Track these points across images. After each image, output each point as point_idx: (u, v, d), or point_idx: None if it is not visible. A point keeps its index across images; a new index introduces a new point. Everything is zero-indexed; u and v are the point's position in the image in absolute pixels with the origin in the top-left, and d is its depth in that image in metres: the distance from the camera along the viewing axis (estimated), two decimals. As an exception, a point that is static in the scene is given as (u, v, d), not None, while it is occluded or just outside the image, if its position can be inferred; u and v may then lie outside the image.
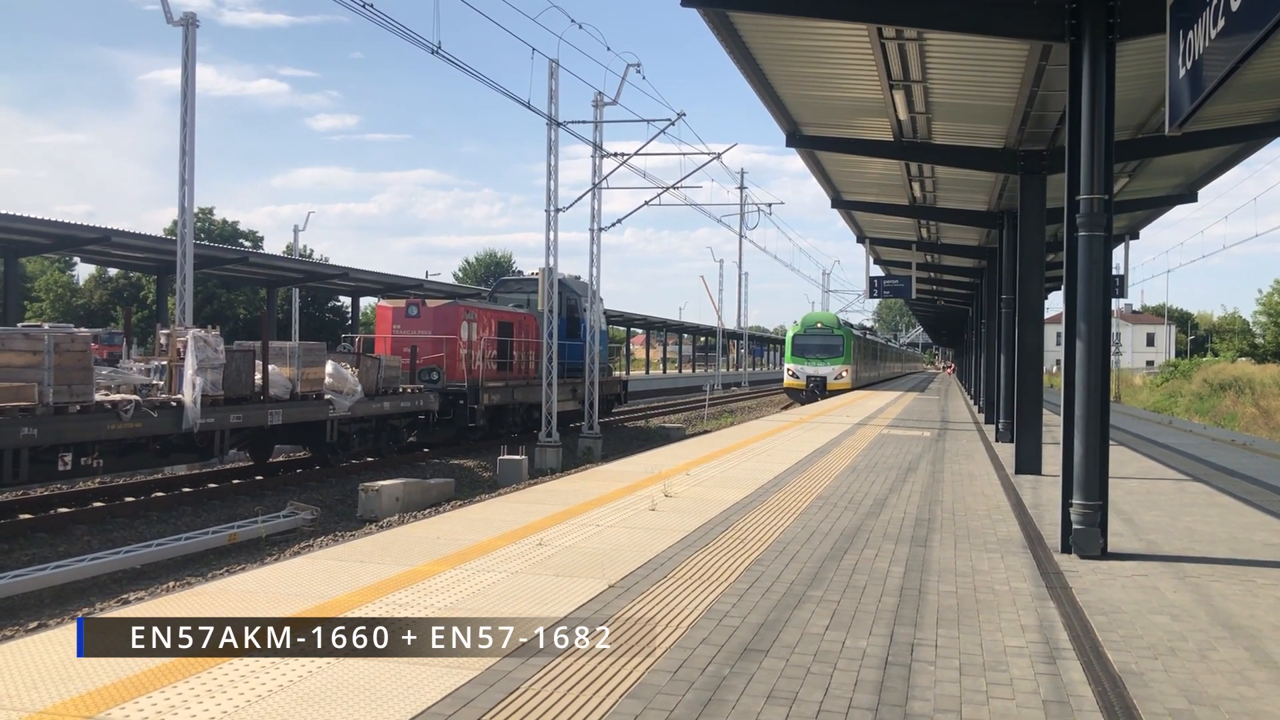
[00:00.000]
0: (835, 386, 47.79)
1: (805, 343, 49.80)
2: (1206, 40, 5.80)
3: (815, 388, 47.55)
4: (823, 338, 49.53)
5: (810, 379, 48.21)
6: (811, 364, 48.63)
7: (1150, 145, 15.48)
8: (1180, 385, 66.97)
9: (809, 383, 48.05)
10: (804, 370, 48.64)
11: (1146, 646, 6.16)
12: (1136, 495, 13.13)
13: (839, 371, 48.49)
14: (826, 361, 48.58)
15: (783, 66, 13.89)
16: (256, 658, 5.36)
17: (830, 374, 48.21)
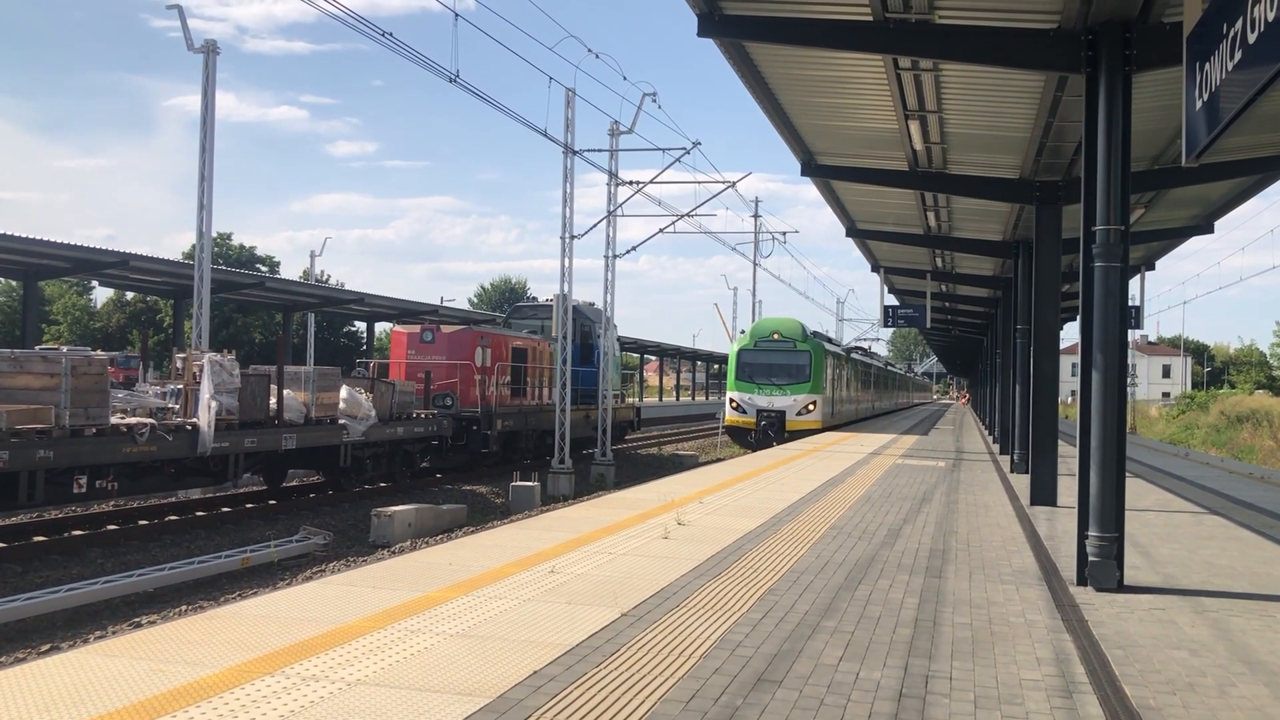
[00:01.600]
0: (798, 425, 33.93)
1: (755, 361, 35.34)
2: (1224, 72, 5.79)
3: (769, 426, 33.97)
4: (781, 354, 35.21)
5: (762, 414, 34.39)
6: (764, 392, 34.67)
7: (1167, 176, 15.48)
8: (1197, 417, 66.56)
9: (760, 419, 34.25)
10: (752, 401, 34.48)
11: (1165, 681, 6.09)
12: (1153, 528, 13.02)
13: (804, 403, 34.42)
14: (785, 389, 34.61)
15: (798, 96, 13.96)
16: (269, 682, 5.35)
17: (790, 406, 34.23)
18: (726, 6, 10.64)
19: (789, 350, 35.13)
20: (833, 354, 38.85)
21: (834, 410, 38.11)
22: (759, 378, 34.83)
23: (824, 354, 35.93)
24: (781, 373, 34.85)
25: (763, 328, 36.30)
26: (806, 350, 35.15)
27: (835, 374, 38.92)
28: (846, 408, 42.78)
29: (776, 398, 34.42)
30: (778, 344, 35.24)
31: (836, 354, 40.33)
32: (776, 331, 35.48)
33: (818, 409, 34.61)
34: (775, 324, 36.31)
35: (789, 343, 35.26)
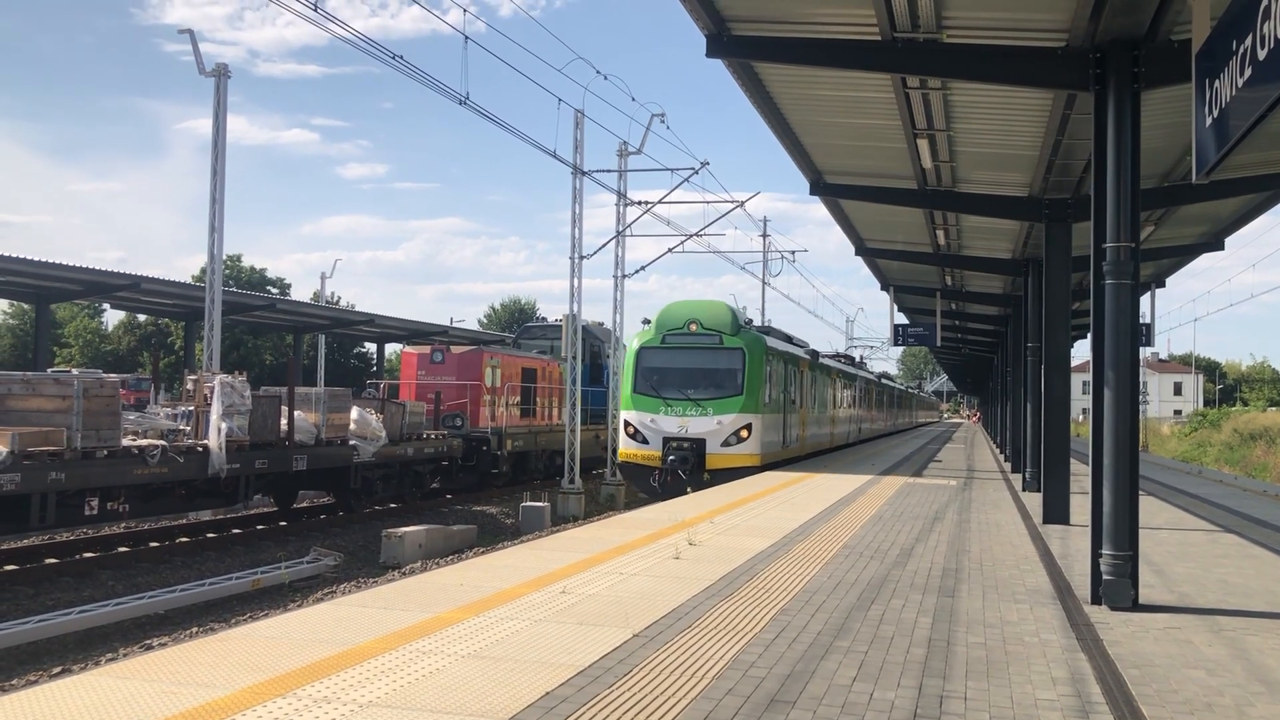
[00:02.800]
0: (725, 461, 23.24)
1: (661, 363, 24.23)
2: (1233, 89, 5.79)
3: (681, 463, 23.00)
4: (700, 354, 24.22)
5: (671, 445, 23.27)
6: (674, 411, 23.48)
7: (1177, 193, 15.45)
8: (1209, 435, 66.20)
9: (669, 453, 23.19)
10: (656, 425, 23.47)
11: (1182, 701, 6.04)
12: (1167, 546, 12.94)
13: (733, 428, 23.35)
14: (706, 406, 23.48)
15: (806, 116, 14.00)
16: (281, 704, 5.34)
17: (713, 433, 23.29)
18: (735, 27, 10.68)
19: (712, 348, 23.76)
20: (784, 355, 26.69)
21: (786, 437, 26.38)
22: (667, 389, 23.44)
23: (767, 355, 24.37)
24: (701, 381, 23.62)
25: (674, 314, 24.45)
26: (738, 348, 23.57)
27: (790, 385, 27.17)
28: (813, 432, 30.84)
29: (693, 419, 22.98)
30: (696, 338, 23.88)
31: (792, 356, 27.98)
32: (694, 320, 23.98)
33: (754, 436, 23.15)
34: (692, 309, 24.70)
35: (712, 335, 23.81)
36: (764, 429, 23.84)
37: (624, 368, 24.58)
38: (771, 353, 25.23)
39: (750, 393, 23.55)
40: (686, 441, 23.10)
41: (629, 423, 23.80)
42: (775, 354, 25.73)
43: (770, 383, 24.72)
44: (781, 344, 27.80)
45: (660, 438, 23.24)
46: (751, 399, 23.54)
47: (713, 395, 23.54)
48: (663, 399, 23.55)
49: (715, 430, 23.15)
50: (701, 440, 23.15)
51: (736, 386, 23.57)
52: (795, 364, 28.38)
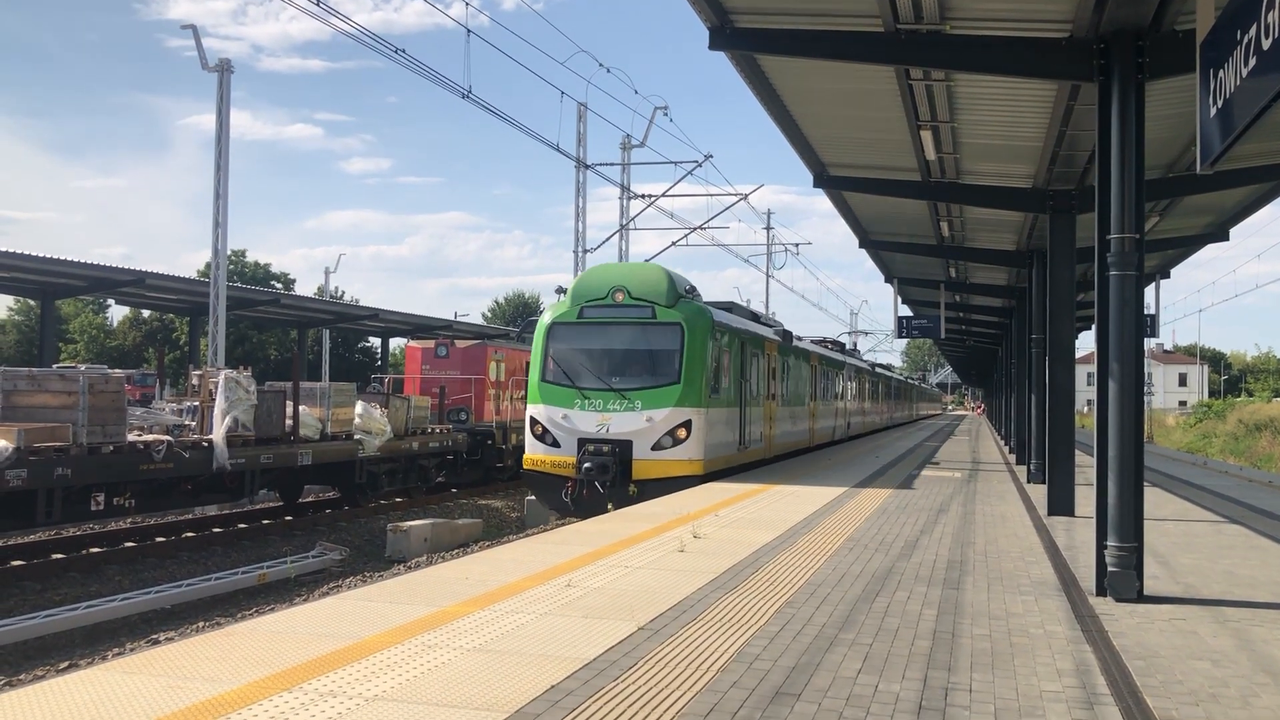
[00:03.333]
0: (657, 469, 18.25)
1: (578, 344, 19.39)
2: (1237, 79, 5.77)
3: (599, 470, 17.94)
4: (627, 330, 19.37)
5: (589, 449, 18.25)
6: (593, 404, 18.68)
7: (1181, 184, 15.42)
8: (1214, 426, 66.12)
9: (585, 460, 18.10)
10: (571, 423, 18.58)
11: (1187, 693, 6.04)
12: (1172, 537, 12.93)
13: (667, 425, 18.35)
14: (633, 399, 18.58)
15: (810, 108, 13.97)
16: (287, 698, 5.35)
17: (641, 433, 18.37)
18: (738, 20, 10.66)
19: (643, 323, 18.88)
20: (741, 335, 21.55)
21: (745, 436, 21.34)
22: (585, 377, 18.64)
23: (714, 332, 19.27)
24: (628, 366, 18.85)
25: (594, 281, 19.48)
26: (675, 323, 18.62)
27: (751, 372, 22.23)
28: (786, 430, 26.14)
29: (616, 416, 18.17)
30: (622, 311, 18.96)
31: (754, 336, 22.81)
32: (620, 288, 19.01)
33: (695, 436, 18.22)
34: (618, 275, 19.75)
35: (643, 308, 18.83)
36: (709, 427, 18.61)
37: (532, 351, 19.34)
38: (722, 330, 19.78)
39: (691, 381, 18.27)
40: (607, 444, 17.86)
41: (535, 420, 18.51)
42: (728, 332, 20.27)
43: (720, 368, 19.55)
44: (740, 321, 22.27)
45: (574, 439, 18.07)
46: (692, 389, 18.25)
47: (642, 384, 18.40)
48: (578, 390, 18.39)
49: (644, 429, 17.98)
50: (627, 442, 17.90)
51: (673, 373, 18.33)
52: (759, 346, 23.08)
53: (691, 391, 18.34)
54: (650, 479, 17.79)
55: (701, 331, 18.76)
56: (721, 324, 19.95)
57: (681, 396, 18.18)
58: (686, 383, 18.32)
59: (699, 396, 18.40)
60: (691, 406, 18.21)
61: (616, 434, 18.03)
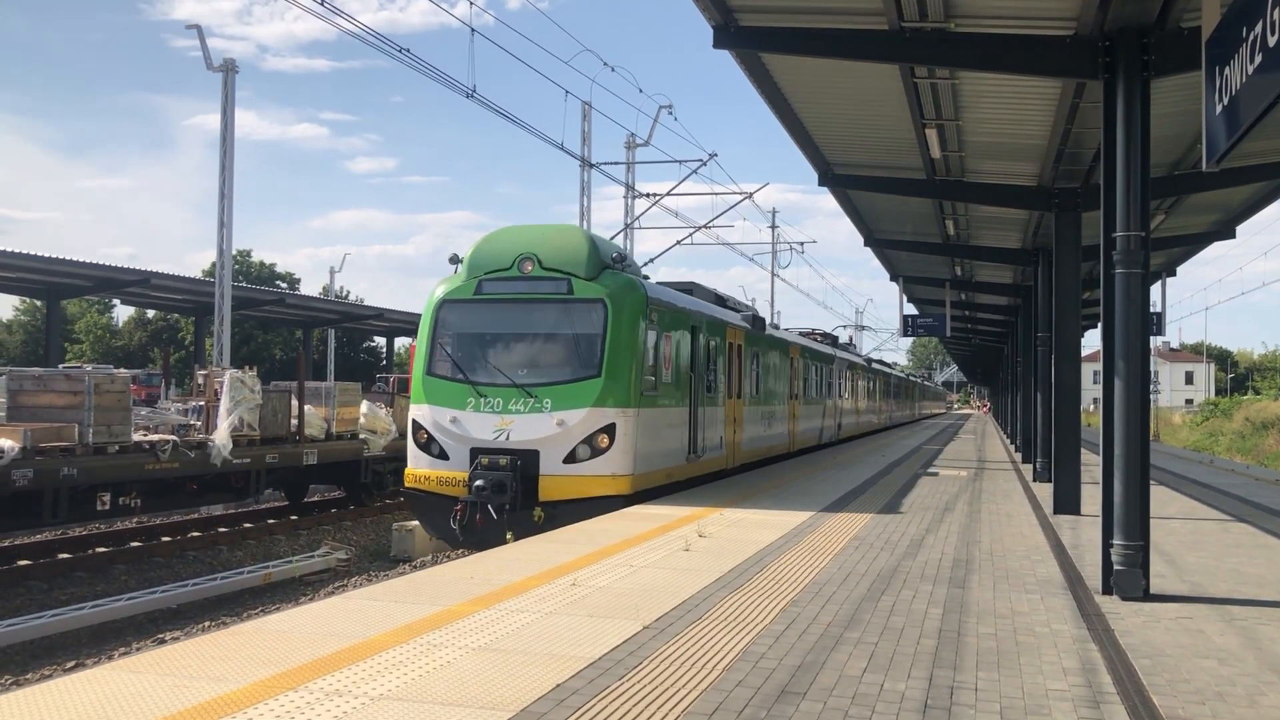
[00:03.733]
0: (570, 488, 14.04)
1: (474, 327, 15.23)
2: (1243, 76, 5.76)
3: (495, 489, 13.72)
4: (536, 308, 14.98)
5: (482, 459, 14.04)
6: (490, 403, 14.38)
7: (1187, 182, 15.39)
8: (1221, 424, 65.97)
9: (476, 474, 13.91)
10: (462, 426, 14.36)
11: (1194, 691, 6.03)
12: (1179, 536, 12.91)
13: (586, 430, 14.14)
14: (542, 396, 14.34)
15: (814, 106, 13.96)
16: (293, 697, 5.36)
17: (551, 438, 14.11)
18: (742, 18, 10.65)
19: (556, 300, 14.94)
20: (690, 318, 17.43)
21: (697, 442, 17.42)
22: (480, 370, 14.82)
23: (649, 311, 15.32)
24: (536, 355, 14.96)
25: (497, 248, 15.39)
26: (598, 299, 14.79)
27: (702, 362, 17.95)
28: (755, 435, 22.16)
29: (519, 419, 14.33)
30: (531, 286, 15.04)
31: (710, 321, 18.69)
32: (529, 257, 15.02)
33: (621, 444, 14.35)
34: (527, 240, 15.36)
35: (557, 280, 14.97)
36: (642, 432, 14.61)
37: (417, 337, 15.56)
38: (660, 310, 15.68)
39: (616, 373, 14.31)
40: (507, 455, 13.86)
41: (419, 425, 14.56)
42: (671, 313, 16.22)
43: (660, 358, 15.55)
44: (691, 302, 18.28)
45: (466, 449, 14.09)
46: (618, 383, 14.29)
47: (554, 378, 14.38)
48: (472, 386, 14.38)
49: (555, 436, 13.99)
50: (532, 453, 13.92)
51: (593, 364, 14.35)
52: (717, 333, 18.90)
53: (617, 387, 14.28)
54: (562, 500, 13.89)
55: (631, 310, 14.66)
56: (661, 302, 15.86)
57: (603, 394, 14.15)
58: (610, 376, 14.25)
59: (627, 393, 14.39)
60: (617, 406, 14.20)
61: (519, 442, 14.01)
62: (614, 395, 14.28)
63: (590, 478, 14.03)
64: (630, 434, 14.33)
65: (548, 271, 14.81)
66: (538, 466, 14.00)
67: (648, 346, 15.13)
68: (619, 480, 14.21)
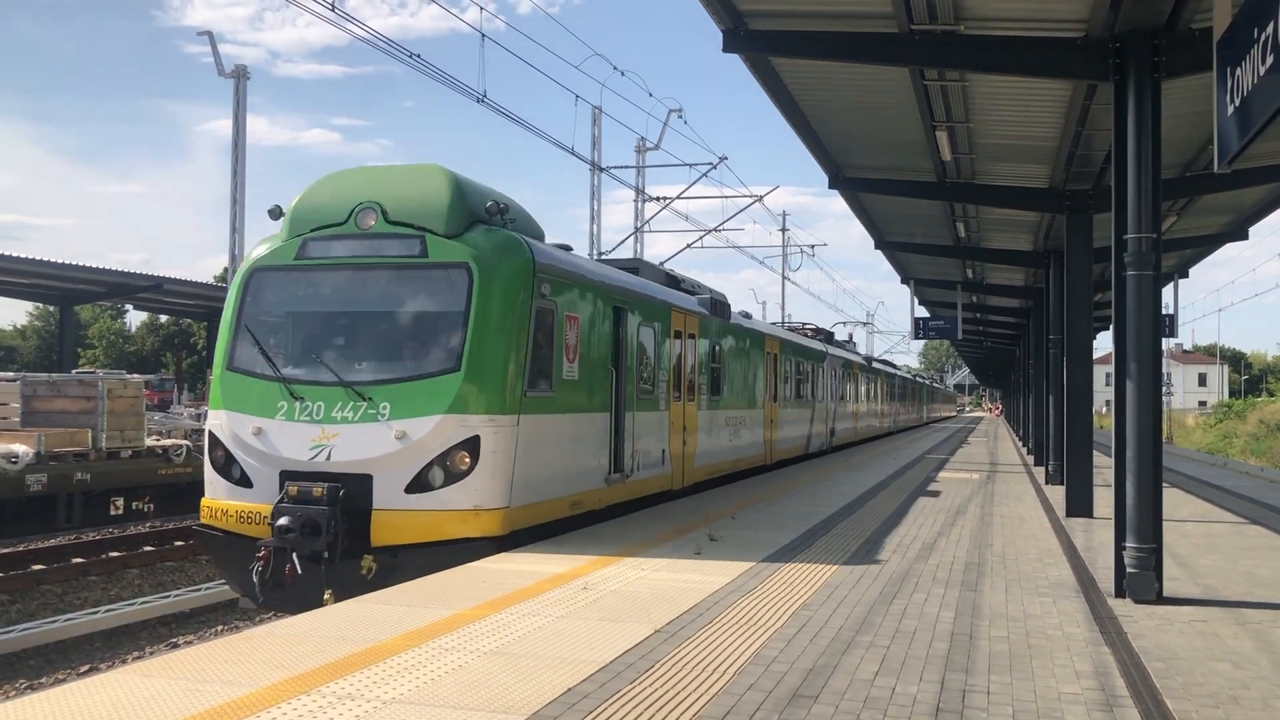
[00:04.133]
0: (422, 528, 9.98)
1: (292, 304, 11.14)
2: (1255, 76, 5.74)
3: (307, 531, 9.68)
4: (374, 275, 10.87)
5: (291, 487, 9.92)
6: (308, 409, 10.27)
7: (1199, 183, 15.33)
8: (1235, 426, 65.69)
9: (282, 508, 9.80)
10: (269, 440, 10.26)
11: (1207, 695, 6.00)
12: (1193, 538, 12.85)
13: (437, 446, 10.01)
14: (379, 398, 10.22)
15: (824, 109, 13.95)
16: (305, 701, 5.37)
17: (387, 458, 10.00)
18: (752, 22, 10.65)
19: (404, 264, 10.85)
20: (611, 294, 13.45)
21: (629, 459, 13.78)
22: (296, 363, 10.90)
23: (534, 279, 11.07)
24: (372, 342, 10.95)
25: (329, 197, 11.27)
26: (461, 264, 10.63)
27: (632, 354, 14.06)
28: (717, 445, 18.52)
29: (346, 430, 10.23)
30: (371, 245, 10.91)
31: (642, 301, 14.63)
32: (370, 207, 10.91)
33: (489, 464, 10.25)
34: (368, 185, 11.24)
35: (407, 239, 10.82)
36: (526, 448, 10.71)
37: (221, 319, 11.34)
38: (556, 280, 11.56)
39: (483, 365, 10.41)
40: (326, 482, 10.05)
41: (215, 439, 10.80)
42: (575, 286, 12.17)
43: (556, 345, 11.59)
44: (617, 276, 14.05)
45: (275, 473, 10.33)
46: (485, 380, 10.40)
47: (395, 374, 10.55)
48: (284, 384, 10.58)
49: (393, 455, 10.16)
50: (361, 478, 10.15)
51: (450, 353, 10.48)
52: (656, 318, 14.98)
53: (484, 385, 10.25)
54: (403, 545, 9.95)
55: (508, 279, 10.59)
56: (558, 270, 11.58)
57: (464, 395, 10.13)
58: (475, 370, 10.22)
59: (500, 394, 10.34)
60: (483, 412, 10.17)
61: (344, 463, 10.05)
62: (479, 397, 10.18)
63: (444, 513, 9.99)
64: (504, 450, 10.25)
65: (394, 227, 10.67)
66: (370, 498, 10.01)
67: (536, 330, 10.90)
68: (485, 516, 10.12)
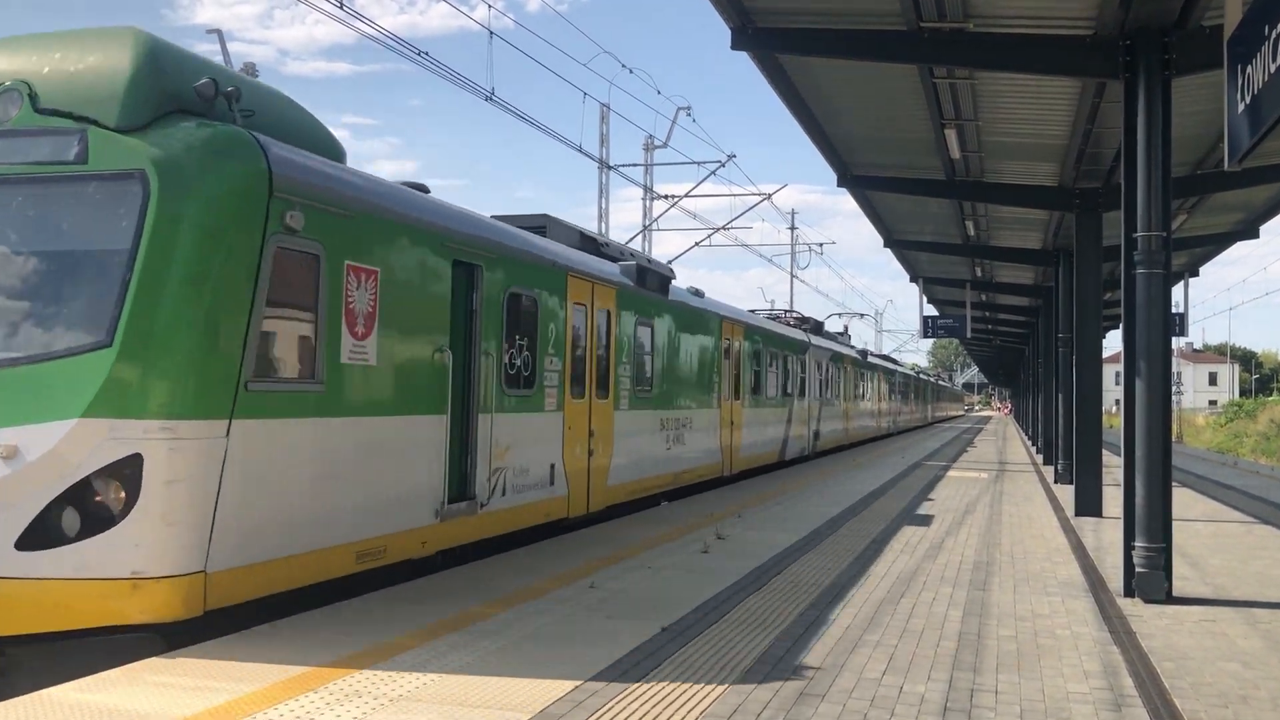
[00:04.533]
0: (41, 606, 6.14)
1: None
2: (1265, 74, 5.72)
3: None
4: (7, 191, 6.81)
5: None
6: None
7: (1209, 181, 15.28)
8: (1245, 425, 65.41)
9: None
10: None
11: (1216, 695, 5.98)
12: (1202, 538, 12.81)
13: (74, 470, 6.20)
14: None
15: (833, 107, 13.93)
16: (313, 698, 5.38)
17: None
18: (760, 20, 10.64)
19: (54, 171, 6.85)
20: (424, 235, 9.03)
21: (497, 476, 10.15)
22: None
23: (267, 199, 7.10)
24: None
25: None
26: (133, 170, 6.74)
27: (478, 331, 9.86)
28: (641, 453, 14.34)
29: None
30: (6, 142, 6.93)
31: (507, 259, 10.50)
32: (15, 87, 6.97)
33: (166, 499, 6.36)
34: (14, 54, 7.18)
35: (61, 136, 6.88)
36: (243, 471, 6.90)
37: None
38: (317, 206, 7.68)
39: (157, 336, 6.60)
40: None
41: None
42: (359, 217, 8.21)
43: (332, 311, 7.85)
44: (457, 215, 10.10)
45: None
46: (159, 359, 6.59)
47: (8, 349, 6.66)
48: None
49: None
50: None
51: (98, 317, 6.59)
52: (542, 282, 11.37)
53: (158, 368, 6.64)
54: (8, 639, 6.40)
55: (216, 198, 7.00)
56: (330, 195, 7.96)
57: (115, 384, 6.51)
58: (139, 343, 6.59)
59: (187, 383, 6.71)
60: (152, 414, 6.54)
61: None
62: (146, 389, 6.56)
63: (81, 584, 6.34)
64: (192, 477, 6.60)
65: (46, 119, 7.05)
66: None
67: (277, 284, 7.30)
68: (154, 590, 6.41)
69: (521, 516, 10.74)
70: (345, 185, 8.21)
